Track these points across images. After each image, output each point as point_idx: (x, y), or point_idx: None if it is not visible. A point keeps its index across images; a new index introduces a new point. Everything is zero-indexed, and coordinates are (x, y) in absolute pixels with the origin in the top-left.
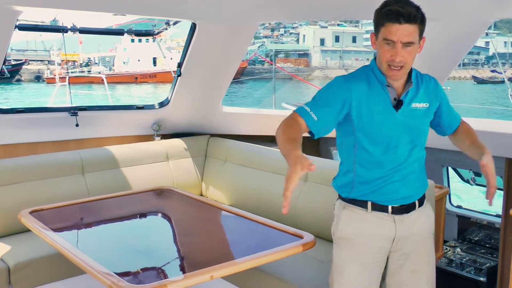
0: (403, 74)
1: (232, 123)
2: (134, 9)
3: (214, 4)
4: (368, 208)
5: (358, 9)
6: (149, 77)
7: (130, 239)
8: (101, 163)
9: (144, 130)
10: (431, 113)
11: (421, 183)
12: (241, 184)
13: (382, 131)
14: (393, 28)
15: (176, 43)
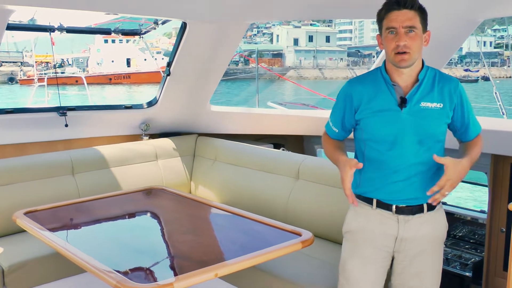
0: (410, 60)
1: (219, 122)
2: (125, 8)
3: (205, 4)
4: (373, 205)
5: (350, 8)
6: (123, 78)
7: (127, 238)
8: (91, 164)
9: (132, 130)
10: (447, 115)
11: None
12: (231, 182)
13: (385, 129)
14: (393, 16)
15: (150, 44)
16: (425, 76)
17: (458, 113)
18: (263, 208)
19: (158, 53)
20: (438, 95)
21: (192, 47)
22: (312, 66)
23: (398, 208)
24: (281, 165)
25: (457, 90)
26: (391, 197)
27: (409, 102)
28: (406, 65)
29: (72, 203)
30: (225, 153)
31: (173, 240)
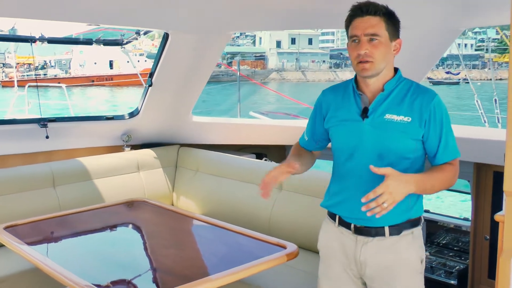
0: (372, 69)
1: (202, 133)
2: (107, 20)
3: (187, 14)
4: (336, 222)
5: (328, 18)
6: (106, 80)
7: (109, 252)
8: (72, 176)
9: (114, 141)
10: (415, 131)
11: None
12: (213, 193)
13: (346, 140)
14: (356, 23)
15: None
16: (395, 87)
17: (428, 131)
18: (246, 219)
19: (141, 55)
20: (408, 108)
21: (174, 57)
22: (295, 69)
23: (357, 228)
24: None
25: (430, 104)
26: (350, 215)
27: (372, 113)
28: (368, 75)
29: (53, 216)
30: (207, 164)
31: (156, 254)
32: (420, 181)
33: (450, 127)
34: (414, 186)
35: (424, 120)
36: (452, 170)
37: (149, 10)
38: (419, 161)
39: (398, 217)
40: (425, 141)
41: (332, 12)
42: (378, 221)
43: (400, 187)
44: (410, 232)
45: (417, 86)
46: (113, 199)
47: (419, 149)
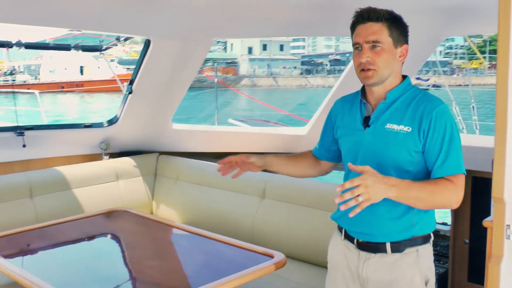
0: (375, 77)
1: (181, 140)
2: (89, 25)
3: (169, 21)
4: (342, 235)
5: (309, 26)
6: (76, 86)
7: (91, 265)
8: (50, 185)
9: (92, 149)
10: (414, 142)
11: (398, 224)
12: (195, 202)
13: (349, 149)
14: (358, 30)
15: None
16: (401, 95)
17: (426, 142)
18: (228, 228)
19: (112, 61)
20: (410, 118)
21: (155, 64)
22: (266, 75)
23: (359, 243)
24: (245, 184)
25: (430, 114)
26: (354, 229)
27: (374, 122)
28: (371, 83)
29: (31, 229)
30: (188, 172)
31: (140, 265)
32: (402, 187)
33: (454, 140)
34: (394, 190)
35: (422, 130)
36: (449, 186)
37: (130, 16)
38: (422, 175)
39: (400, 234)
40: (424, 153)
41: (312, 21)
42: (379, 237)
43: (378, 186)
44: (414, 250)
45: (424, 95)
46: (92, 209)
47: (420, 163)
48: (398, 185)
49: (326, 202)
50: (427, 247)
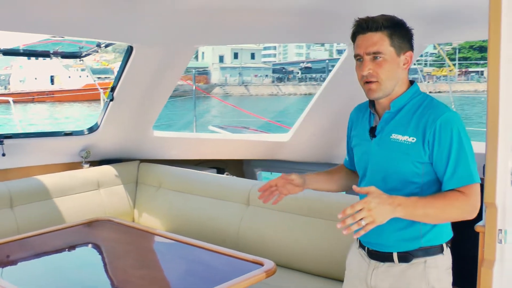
0: (380, 90)
1: (162, 148)
2: (70, 31)
3: (152, 27)
4: (357, 242)
5: (293, 32)
6: (47, 96)
7: (75, 277)
8: (31, 195)
9: (72, 157)
10: (419, 153)
11: (403, 235)
12: (178, 210)
13: (359, 159)
14: (358, 41)
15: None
16: (406, 103)
17: (432, 153)
18: (213, 236)
19: (82, 71)
20: (414, 127)
21: (137, 71)
22: (238, 83)
23: (369, 251)
24: (230, 191)
25: (434, 124)
26: (367, 238)
27: (380, 133)
28: (375, 96)
29: (11, 240)
30: (170, 179)
31: (128, 274)
32: (408, 205)
33: (464, 148)
34: (400, 209)
35: (427, 140)
36: (461, 198)
37: (113, 22)
38: (431, 187)
39: (407, 244)
40: (433, 164)
41: (295, 26)
42: (387, 247)
43: (382, 206)
44: (422, 261)
45: (430, 102)
46: (74, 218)
47: (429, 173)
48: (404, 204)
49: (312, 209)
50: (438, 258)
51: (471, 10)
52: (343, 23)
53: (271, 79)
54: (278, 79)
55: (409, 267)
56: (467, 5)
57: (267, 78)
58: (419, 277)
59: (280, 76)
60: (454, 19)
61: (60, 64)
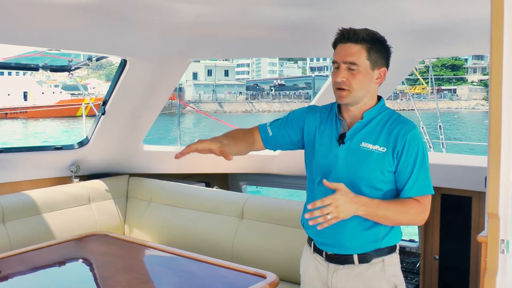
0: (349, 97)
1: (151, 162)
2: (67, 45)
3: (146, 41)
4: (311, 248)
5: (286, 47)
6: (20, 112)
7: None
8: (22, 210)
9: (61, 172)
10: (388, 162)
11: (364, 237)
12: (171, 224)
13: (320, 162)
14: (338, 49)
15: (46, 77)
16: (376, 116)
17: (398, 162)
18: (207, 249)
19: (56, 87)
20: (385, 138)
21: (130, 85)
22: (212, 100)
23: (328, 255)
24: (223, 205)
25: (405, 136)
26: (323, 240)
27: (349, 140)
28: (344, 103)
29: (6, 256)
30: (162, 193)
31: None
32: (371, 206)
33: (425, 163)
34: (364, 209)
35: (397, 151)
36: (416, 206)
37: (107, 36)
38: (392, 194)
39: (367, 246)
40: (396, 173)
41: (288, 42)
42: (347, 249)
43: (348, 205)
44: (380, 260)
45: (398, 117)
46: (65, 233)
47: (392, 182)
48: (368, 204)
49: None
50: (393, 256)
51: (463, 25)
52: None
53: (245, 96)
54: (252, 96)
55: (368, 267)
56: (459, 20)
57: (241, 95)
58: (379, 276)
59: (253, 93)
60: (445, 34)
61: (33, 80)
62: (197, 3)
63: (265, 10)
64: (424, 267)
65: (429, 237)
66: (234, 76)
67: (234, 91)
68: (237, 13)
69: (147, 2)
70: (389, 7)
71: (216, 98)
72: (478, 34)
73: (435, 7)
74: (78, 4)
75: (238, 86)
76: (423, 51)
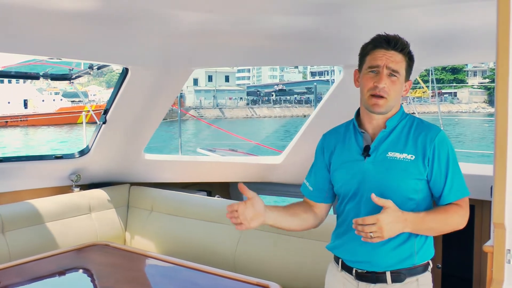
0: (385, 106)
1: (152, 171)
2: (69, 53)
3: (148, 49)
4: (339, 266)
5: (289, 56)
6: (20, 120)
7: None
8: (22, 220)
9: (62, 181)
10: (418, 169)
11: (399, 253)
12: (173, 234)
13: (347, 180)
14: (379, 54)
15: (46, 84)
16: (398, 123)
17: (432, 169)
18: (209, 259)
19: (56, 94)
20: (412, 146)
21: (132, 94)
22: (212, 106)
23: (358, 273)
24: (224, 214)
25: (433, 142)
26: (353, 258)
27: (374, 151)
28: (380, 111)
29: (4, 268)
30: (163, 202)
31: None
32: (417, 222)
33: (456, 164)
34: (410, 226)
35: (427, 158)
36: (459, 211)
37: (109, 44)
38: (426, 202)
39: (401, 263)
40: (430, 180)
41: (291, 50)
42: (379, 266)
43: (394, 224)
44: (414, 280)
45: (420, 122)
46: (66, 243)
47: (425, 190)
48: (414, 221)
49: (310, 231)
50: (427, 275)
51: (468, 33)
52: (339, 46)
53: (246, 101)
54: (253, 101)
55: (402, 287)
56: (463, 28)
57: (242, 101)
58: None
59: (254, 98)
60: (451, 42)
61: (34, 87)
62: (200, 11)
63: (269, 19)
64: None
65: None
66: (234, 81)
67: (235, 97)
68: (240, 22)
69: (149, 10)
70: (395, 16)
71: (217, 104)
72: (483, 42)
73: (441, 15)
74: (79, 12)
75: (239, 91)
76: (428, 60)
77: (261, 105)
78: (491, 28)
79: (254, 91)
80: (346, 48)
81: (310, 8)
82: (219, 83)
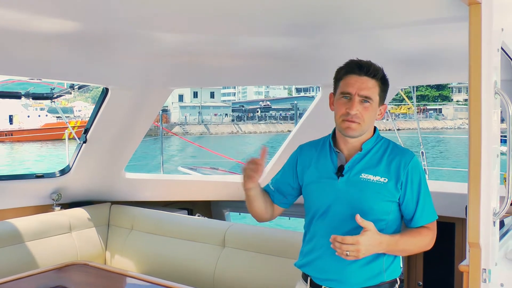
0: (358, 130)
1: (133, 190)
2: (50, 74)
3: (128, 70)
4: (307, 283)
5: (268, 76)
6: (6, 135)
7: None
8: (2, 239)
9: (43, 200)
10: (391, 192)
11: (368, 271)
12: (152, 253)
13: (319, 198)
14: (351, 80)
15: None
16: (373, 146)
17: (405, 193)
18: (189, 278)
19: (42, 110)
20: (385, 168)
21: (112, 113)
22: (198, 122)
23: None
24: (205, 233)
25: (407, 167)
26: (322, 276)
27: (348, 172)
28: (353, 135)
29: None
30: (143, 221)
31: None
32: (392, 244)
33: (427, 189)
34: (384, 247)
35: (401, 181)
36: (429, 234)
37: (89, 65)
38: (395, 223)
39: (370, 280)
40: (402, 204)
41: (271, 70)
42: (349, 283)
43: (371, 247)
44: None
45: (394, 146)
46: (46, 262)
47: (395, 211)
48: (388, 243)
49: (288, 250)
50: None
51: (443, 54)
52: (318, 66)
53: (231, 117)
54: (238, 117)
55: None
56: (440, 48)
57: (227, 117)
58: None
59: (239, 114)
60: (427, 63)
61: (19, 103)
62: (179, 32)
63: (248, 39)
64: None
65: (413, 264)
66: (220, 98)
67: (220, 113)
68: (219, 42)
69: (128, 31)
70: (372, 37)
71: (202, 120)
72: (459, 62)
73: (417, 37)
74: (59, 34)
75: (224, 107)
76: (405, 80)
77: (246, 121)
78: (466, 49)
79: (239, 107)
80: (324, 69)
81: (289, 30)
82: (204, 99)
